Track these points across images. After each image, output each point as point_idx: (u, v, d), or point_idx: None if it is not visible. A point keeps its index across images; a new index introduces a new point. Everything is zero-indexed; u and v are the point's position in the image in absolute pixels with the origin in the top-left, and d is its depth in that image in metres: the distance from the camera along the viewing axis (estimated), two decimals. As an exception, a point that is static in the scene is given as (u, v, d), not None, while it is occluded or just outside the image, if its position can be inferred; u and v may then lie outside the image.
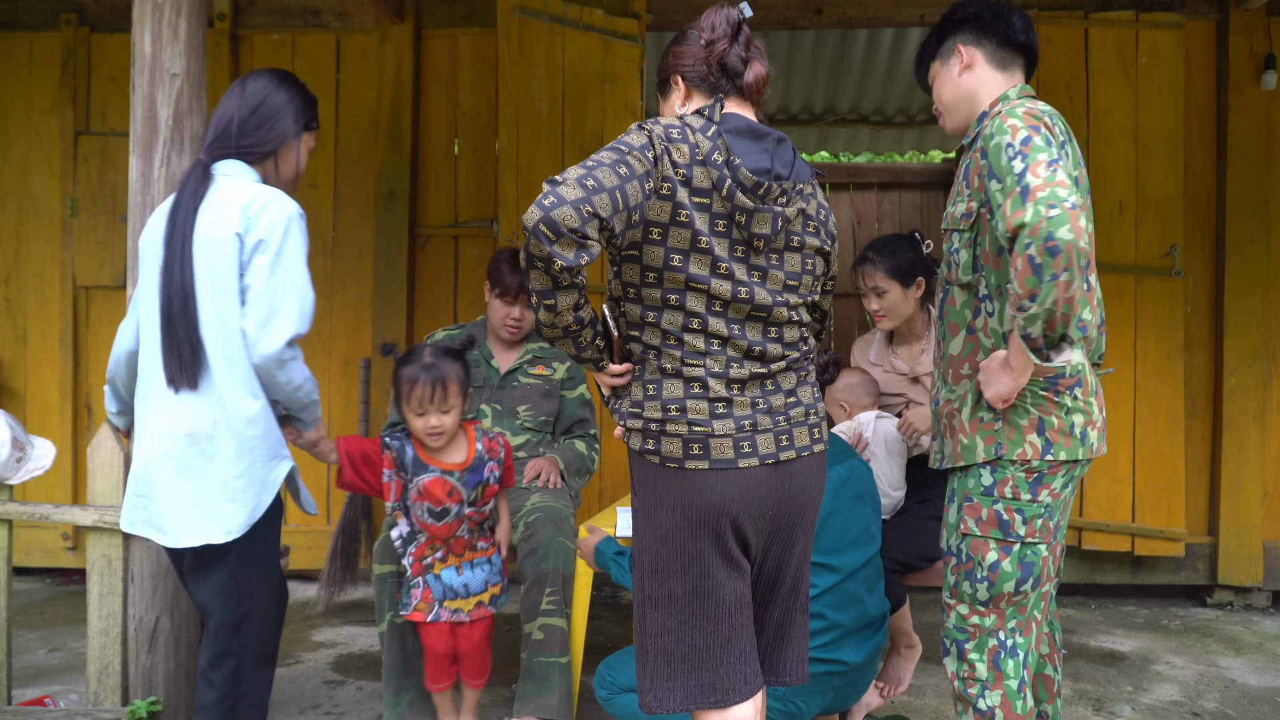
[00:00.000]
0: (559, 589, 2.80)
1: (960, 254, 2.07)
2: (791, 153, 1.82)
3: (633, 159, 1.65)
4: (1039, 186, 1.78)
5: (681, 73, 1.86)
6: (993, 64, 2.13)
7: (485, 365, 3.30)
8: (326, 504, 4.56)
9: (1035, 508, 2.00)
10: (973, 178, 2.03)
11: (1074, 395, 1.99)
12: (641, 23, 4.28)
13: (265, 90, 2.26)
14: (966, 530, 2.03)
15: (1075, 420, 1.99)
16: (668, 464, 1.72)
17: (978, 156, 2.01)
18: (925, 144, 6.57)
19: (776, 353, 1.78)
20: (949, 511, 2.10)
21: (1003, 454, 1.99)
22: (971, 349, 2.08)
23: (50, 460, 2.79)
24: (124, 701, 2.67)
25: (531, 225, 1.57)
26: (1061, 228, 1.74)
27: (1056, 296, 1.78)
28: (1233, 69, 4.26)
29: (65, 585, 4.56)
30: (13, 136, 4.60)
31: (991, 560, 2.00)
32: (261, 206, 2.12)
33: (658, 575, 1.76)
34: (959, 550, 2.06)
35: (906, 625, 2.90)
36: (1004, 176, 1.86)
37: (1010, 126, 1.90)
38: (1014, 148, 1.86)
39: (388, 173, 4.47)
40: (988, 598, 2.01)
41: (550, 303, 1.66)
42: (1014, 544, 2.00)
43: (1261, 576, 4.27)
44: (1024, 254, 1.77)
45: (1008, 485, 2.00)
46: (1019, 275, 1.79)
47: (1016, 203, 1.80)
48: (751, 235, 1.74)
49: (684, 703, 1.75)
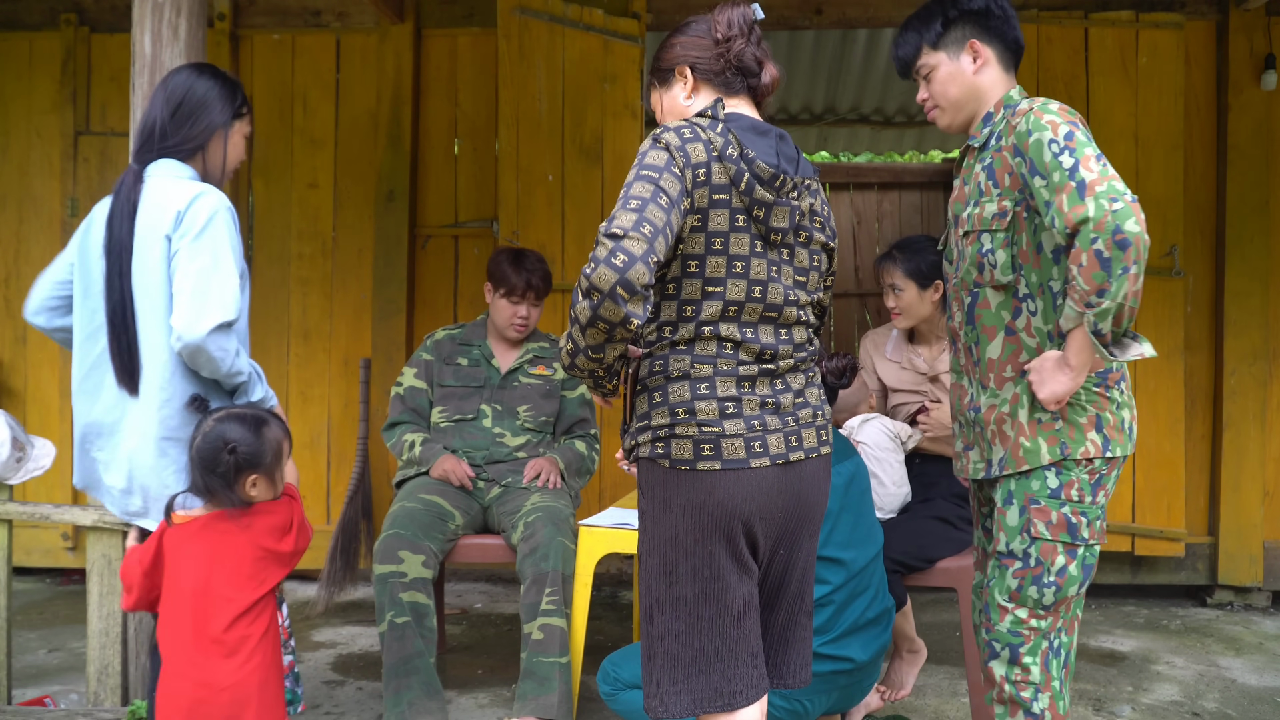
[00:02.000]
0: (559, 589, 2.80)
1: (996, 255, 2.02)
2: (794, 149, 1.82)
3: (665, 183, 1.64)
4: (1095, 181, 1.78)
5: (693, 64, 1.84)
6: (1002, 64, 2.10)
7: (486, 365, 3.30)
8: (326, 504, 4.56)
9: (1095, 509, 1.98)
10: (1002, 177, 2.00)
11: (1121, 390, 1.99)
12: (641, 23, 4.28)
13: (185, 86, 2.23)
14: (1037, 534, 1.97)
15: (1124, 415, 1.99)
16: (678, 466, 1.71)
17: (1006, 155, 1.98)
18: (925, 144, 6.57)
19: (786, 352, 1.78)
20: (1005, 514, 2.02)
21: (1068, 454, 1.96)
22: (1013, 350, 2.03)
23: (50, 460, 2.78)
24: (124, 701, 2.67)
25: (608, 289, 1.53)
26: (1128, 220, 1.74)
27: (1127, 289, 1.76)
28: (1233, 69, 4.26)
29: (65, 585, 4.56)
30: (13, 136, 4.60)
31: (1060, 565, 1.96)
32: (188, 205, 2.10)
33: (666, 578, 1.74)
34: (1026, 554, 1.98)
35: (910, 629, 2.90)
36: (1050, 172, 1.84)
37: (1049, 123, 1.89)
38: (1058, 143, 1.85)
39: (388, 173, 4.47)
40: (1053, 601, 1.97)
41: (599, 355, 1.66)
42: (1079, 547, 1.97)
43: (1261, 576, 4.27)
44: (1090, 249, 1.76)
45: (1074, 488, 1.96)
46: (1085, 271, 1.77)
47: (1074, 198, 1.78)
48: (770, 229, 1.73)
49: (690, 707, 1.73)
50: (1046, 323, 1.99)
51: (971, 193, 2.08)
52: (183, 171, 2.20)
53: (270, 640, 2.02)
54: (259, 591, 2.02)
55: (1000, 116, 2.06)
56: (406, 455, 3.22)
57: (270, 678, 2.00)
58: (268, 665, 2.00)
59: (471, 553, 3.10)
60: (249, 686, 1.95)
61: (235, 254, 2.13)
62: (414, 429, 3.28)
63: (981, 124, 2.10)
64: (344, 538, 4.06)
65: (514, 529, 3.00)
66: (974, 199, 2.06)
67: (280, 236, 4.57)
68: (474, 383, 3.27)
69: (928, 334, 3.07)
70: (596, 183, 4.25)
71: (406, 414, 3.31)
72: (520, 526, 2.96)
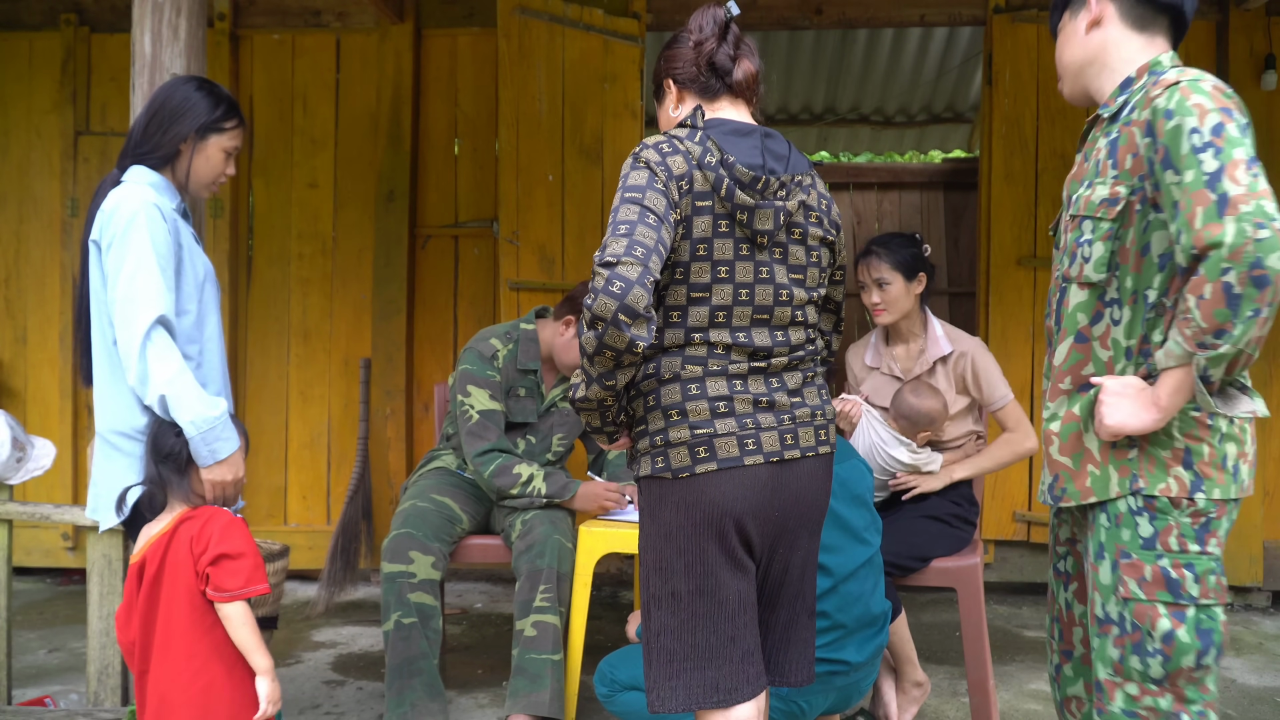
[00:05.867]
0: (553, 586, 2.80)
1: (1094, 246, 1.72)
2: (785, 145, 1.81)
3: (650, 201, 1.65)
4: (1241, 197, 1.47)
5: (673, 75, 1.86)
6: (1128, 22, 1.77)
7: (537, 395, 3.17)
8: (326, 504, 4.56)
9: (1206, 560, 1.64)
10: (1123, 157, 1.69)
11: (1230, 420, 1.66)
12: (641, 23, 4.28)
13: (165, 94, 2.23)
14: (1128, 594, 1.67)
15: (1228, 450, 1.66)
16: (679, 475, 1.72)
17: (1135, 133, 1.67)
18: (925, 144, 6.57)
19: (780, 352, 1.78)
20: (1098, 571, 1.73)
21: (1140, 488, 1.67)
22: (1078, 359, 1.76)
23: (50, 460, 2.79)
24: (124, 701, 2.67)
25: (610, 316, 1.55)
26: (1272, 254, 1.44)
27: (1252, 336, 1.49)
28: (1233, 69, 4.26)
29: (65, 585, 4.56)
30: (13, 136, 4.60)
31: (1165, 630, 1.64)
32: (110, 211, 2.11)
33: (662, 574, 1.76)
34: (1122, 618, 1.68)
35: (911, 653, 2.79)
36: (1185, 169, 1.54)
37: (1196, 106, 1.56)
38: (1202, 135, 1.53)
39: (388, 173, 4.47)
40: (1162, 674, 1.65)
41: (611, 383, 1.68)
42: (1186, 607, 1.64)
43: (1261, 576, 4.27)
44: (1217, 280, 1.47)
45: (1171, 535, 1.65)
46: (1206, 305, 1.49)
47: (1211, 214, 1.48)
48: (754, 232, 1.74)
49: (686, 702, 1.75)
50: (1129, 337, 1.71)
51: (1089, 171, 1.78)
52: (150, 178, 2.19)
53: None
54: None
55: (1141, 85, 1.73)
56: (522, 489, 2.95)
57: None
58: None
59: (473, 553, 3.09)
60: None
61: (160, 251, 2.09)
62: (518, 460, 3.01)
63: (1119, 90, 1.77)
64: (344, 538, 4.07)
65: (512, 527, 3.00)
66: (1090, 178, 1.77)
67: (280, 236, 4.58)
68: (527, 417, 3.15)
69: (905, 331, 3.01)
70: (596, 183, 4.25)
71: (502, 440, 3.03)
72: (518, 525, 2.97)
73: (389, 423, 4.47)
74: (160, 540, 2.01)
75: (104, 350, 2.16)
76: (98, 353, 2.18)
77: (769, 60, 5.52)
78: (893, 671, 2.83)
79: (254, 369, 4.58)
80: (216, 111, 2.23)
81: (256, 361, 4.58)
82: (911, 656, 2.81)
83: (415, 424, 4.55)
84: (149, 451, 2.05)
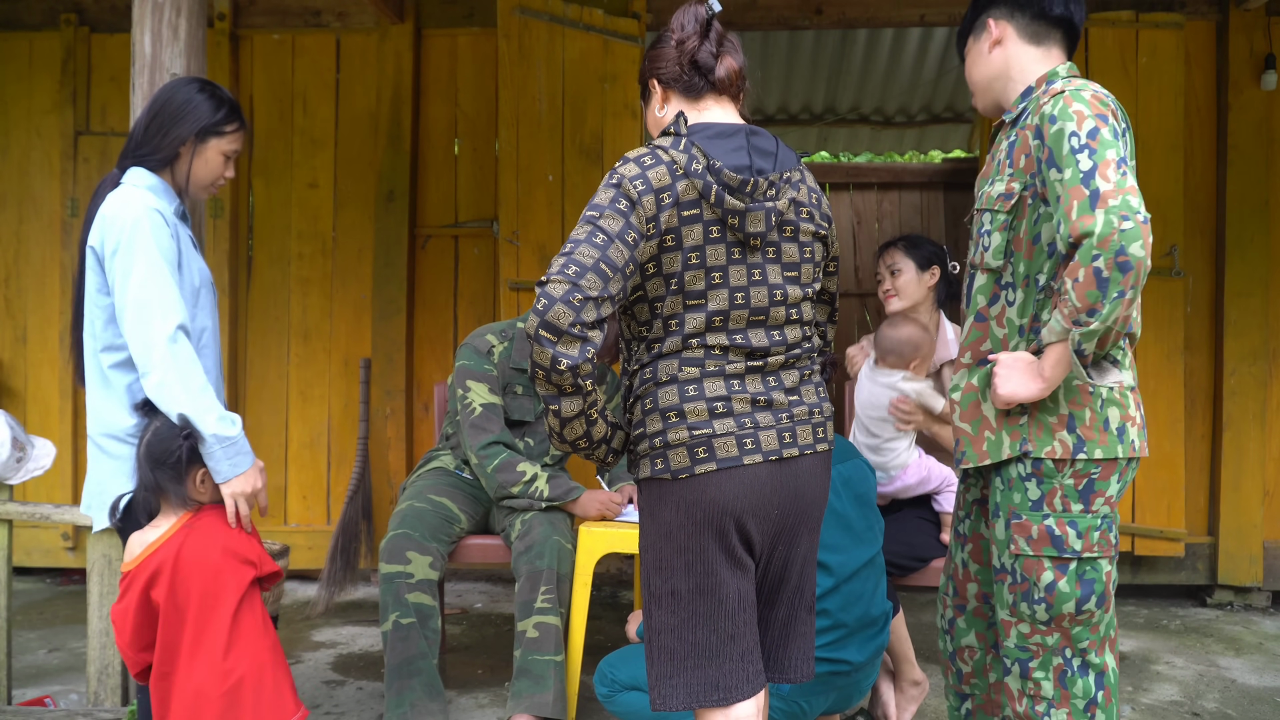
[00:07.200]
0: (554, 587, 2.80)
1: (992, 236, 1.93)
2: (772, 142, 1.81)
3: (605, 221, 1.66)
4: (1110, 192, 1.67)
5: (657, 75, 1.86)
6: (1025, 38, 1.98)
7: (534, 396, 3.15)
8: (326, 504, 4.56)
9: (1089, 518, 1.85)
10: (1018, 157, 1.90)
11: (1110, 387, 1.86)
12: (641, 23, 4.27)
13: (165, 95, 2.21)
14: (1018, 550, 1.88)
15: (1111, 414, 1.85)
16: (679, 477, 1.73)
17: (1028, 136, 1.87)
18: (925, 144, 6.57)
19: (777, 350, 1.78)
20: (995, 527, 1.94)
21: (1029, 450, 1.86)
22: (978, 337, 1.96)
23: (50, 460, 2.79)
24: (124, 701, 2.68)
25: (534, 333, 1.59)
26: (1134, 243, 1.64)
27: (1119, 314, 1.68)
28: (1233, 69, 4.26)
29: (65, 585, 4.56)
30: (13, 136, 4.59)
31: (1049, 580, 1.86)
32: (111, 217, 2.09)
33: (662, 573, 1.76)
34: (1013, 570, 1.90)
35: (909, 652, 2.80)
36: (1065, 168, 1.74)
37: (1075, 112, 1.77)
38: (1079, 138, 1.74)
39: (388, 173, 4.47)
40: (1048, 618, 1.87)
41: (555, 408, 1.69)
42: (1070, 561, 1.85)
43: (1261, 576, 4.27)
44: (1089, 265, 1.66)
45: (1056, 497, 1.85)
46: (1080, 287, 1.68)
47: (1084, 207, 1.68)
48: (746, 235, 1.74)
49: (686, 700, 1.75)
50: (1021, 316, 1.90)
51: (992, 170, 2.00)
52: (149, 181, 2.18)
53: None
54: None
55: (1037, 94, 1.94)
56: (524, 488, 2.94)
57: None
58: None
59: (472, 553, 3.09)
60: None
61: (167, 258, 2.10)
62: (521, 457, 3.00)
63: (1020, 98, 1.98)
64: (344, 538, 4.07)
65: (511, 528, 3.00)
66: (992, 176, 1.98)
67: (280, 236, 4.58)
68: (524, 415, 3.14)
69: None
70: (596, 183, 4.25)
71: (505, 434, 3.03)
72: (518, 525, 2.96)
73: (389, 423, 4.47)
74: (169, 544, 2.01)
75: (92, 354, 2.16)
76: (87, 356, 2.17)
77: (769, 60, 5.52)
78: (890, 671, 2.83)
79: (254, 369, 4.58)
80: (218, 114, 2.22)
81: (256, 361, 4.58)
82: (910, 656, 2.80)
83: (415, 424, 4.55)
84: (144, 458, 2.03)
